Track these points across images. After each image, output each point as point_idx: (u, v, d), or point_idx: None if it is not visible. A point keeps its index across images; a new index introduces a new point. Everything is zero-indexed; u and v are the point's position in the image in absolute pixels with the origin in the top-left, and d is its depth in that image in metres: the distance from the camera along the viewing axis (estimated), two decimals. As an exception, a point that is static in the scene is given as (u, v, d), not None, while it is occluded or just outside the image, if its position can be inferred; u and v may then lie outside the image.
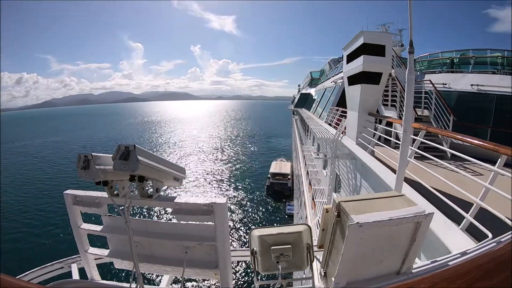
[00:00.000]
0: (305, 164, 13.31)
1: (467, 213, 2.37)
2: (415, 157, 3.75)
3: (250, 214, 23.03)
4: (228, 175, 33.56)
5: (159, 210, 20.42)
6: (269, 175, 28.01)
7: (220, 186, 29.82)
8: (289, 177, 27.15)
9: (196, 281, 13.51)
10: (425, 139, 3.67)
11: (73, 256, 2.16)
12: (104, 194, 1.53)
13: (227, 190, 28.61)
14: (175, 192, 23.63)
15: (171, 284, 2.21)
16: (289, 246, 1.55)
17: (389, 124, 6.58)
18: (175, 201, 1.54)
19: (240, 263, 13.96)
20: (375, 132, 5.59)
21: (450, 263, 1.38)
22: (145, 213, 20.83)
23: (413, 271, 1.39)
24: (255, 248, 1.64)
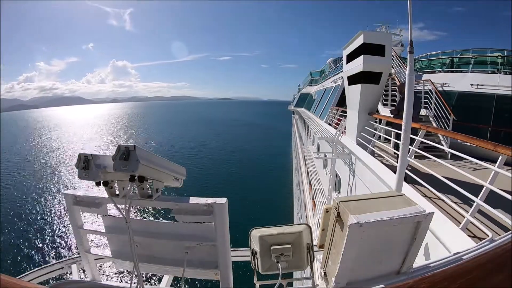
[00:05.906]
0: (305, 164, 13.30)
1: (467, 213, 2.37)
2: (415, 157, 3.76)
3: (250, 214, 23.01)
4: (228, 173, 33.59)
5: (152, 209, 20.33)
6: None
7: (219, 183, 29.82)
8: None
9: (196, 281, 13.50)
10: (425, 139, 3.68)
11: (73, 256, 2.17)
12: (104, 194, 1.53)
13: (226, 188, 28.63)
14: (175, 192, 23.64)
15: (171, 284, 2.21)
16: (289, 246, 1.55)
17: (389, 123, 6.58)
18: (175, 201, 1.54)
19: (240, 263, 13.94)
20: (375, 131, 5.59)
21: (450, 263, 1.38)
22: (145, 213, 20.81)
23: (413, 271, 1.39)
24: (255, 248, 1.64)
